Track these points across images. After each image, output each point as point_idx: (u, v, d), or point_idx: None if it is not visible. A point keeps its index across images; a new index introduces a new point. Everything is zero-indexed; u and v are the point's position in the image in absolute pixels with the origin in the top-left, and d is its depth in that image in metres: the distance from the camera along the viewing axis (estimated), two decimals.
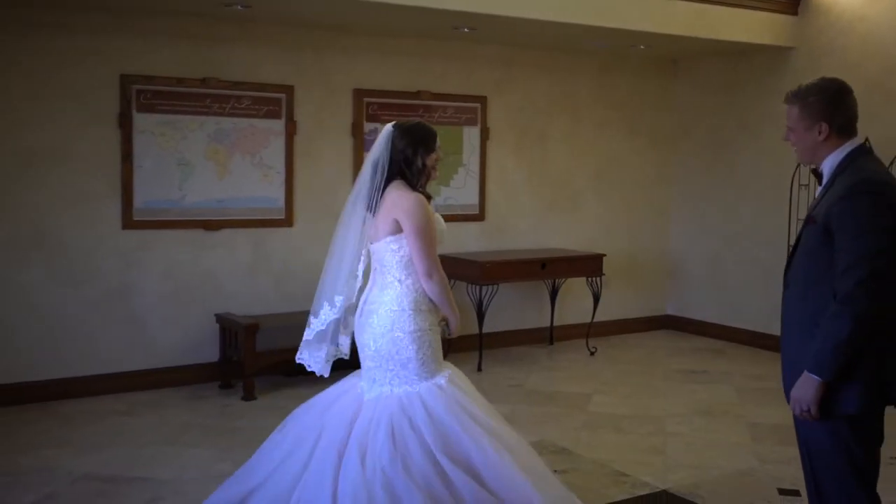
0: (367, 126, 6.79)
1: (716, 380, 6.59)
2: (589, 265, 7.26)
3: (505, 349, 7.41)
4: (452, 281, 7.00)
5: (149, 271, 6.08)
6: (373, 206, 3.50)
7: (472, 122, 7.31)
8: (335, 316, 3.56)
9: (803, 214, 6.68)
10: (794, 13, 7.22)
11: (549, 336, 7.72)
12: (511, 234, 7.59)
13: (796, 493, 4.32)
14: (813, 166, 3.03)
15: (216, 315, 6.17)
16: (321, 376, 3.73)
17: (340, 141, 6.73)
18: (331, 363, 3.66)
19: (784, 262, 6.83)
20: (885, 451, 4.83)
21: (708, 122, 8.05)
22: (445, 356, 3.64)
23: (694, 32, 6.78)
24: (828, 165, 2.93)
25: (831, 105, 2.89)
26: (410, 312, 3.45)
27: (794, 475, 4.54)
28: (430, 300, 3.51)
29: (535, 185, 7.71)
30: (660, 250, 8.45)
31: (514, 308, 7.54)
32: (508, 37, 6.96)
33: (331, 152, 6.70)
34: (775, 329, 7.19)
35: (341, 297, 3.56)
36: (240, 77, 6.27)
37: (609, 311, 7.80)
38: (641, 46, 7.38)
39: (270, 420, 5.45)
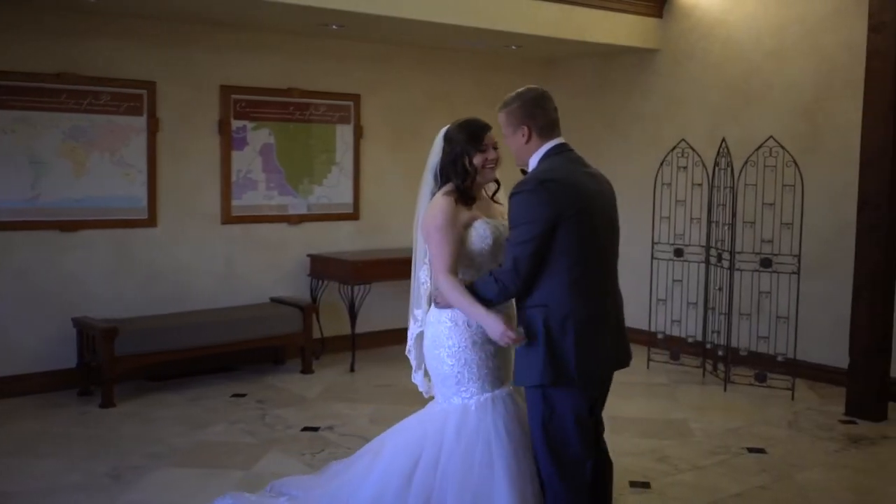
0: (235, 123, 6.65)
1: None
2: None
3: (380, 349, 7.38)
4: (325, 281, 6.97)
5: (1, 275, 5.81)
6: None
7: (345, 121, 7.25)
8: (418, 329, 3.49)
9: (666, 212, 6.90)
10: (659, 16, 7.43)
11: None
12: (387, 233, 7.57)
13: (647, 485, 4.44)
14: (523, 168, 3.31)
15: (73, 319, 5.94)
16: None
17: (207, 139, 6.58)
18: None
19: (650, 260, 7.01)
20: (737, 442, 5.06)
21: (579, 122, 8.19)
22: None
23: (562, 34, 6.90)
24: (531, 165, 3.23)
25: (530, 109, 3.20)
26: (449, 326, 3.29)
27: (647, 467, 4.67)
28: None
29: (411, 184, 7.59)
30: None
31: (389, 307, 7.50)
32: (382, 34, 6.93)
33: (197, 150, 6.53)
34: (642, 325, 7.43)
35: (420, 311, 3.49)
36: (98, 72, 6.05)
37: None
38: (514, 47, 7.46)
39: (129, 427, 5.33)
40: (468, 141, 3.36)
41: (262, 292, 6.89)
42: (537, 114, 3.24)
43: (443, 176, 3.41)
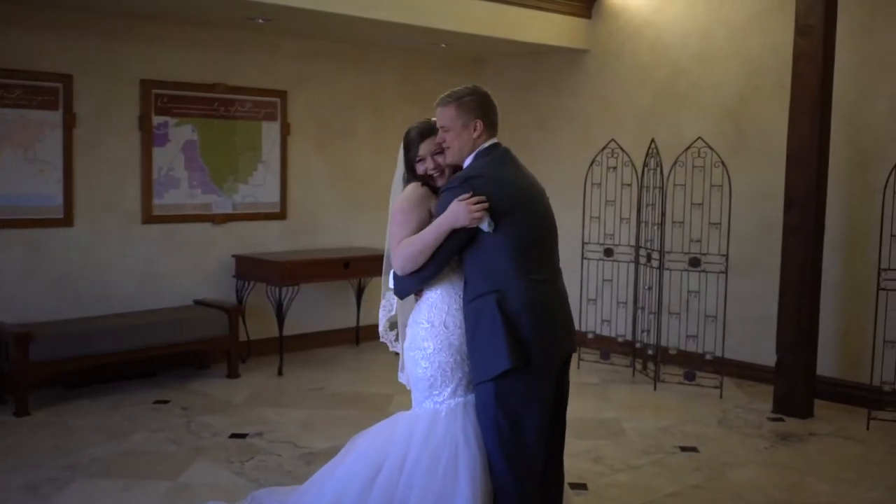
0: (157, 119, 6.40)
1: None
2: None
3: (310, 351, 7.23)
4: (251, 283, 6.77)
5: None
6: None
7: (271, 117, 7.06)
8: (390, 313, 3.45)
9: (596, 212, 6.91)
10: (588, 16, 7.45)
11: (356, 336, 7.60)
12: (315, 233, 7.41)
13: (584, 486, 4.41)
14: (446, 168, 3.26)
15: None
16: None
17: (127, 135, 6.31)
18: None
19: (580, 259, 6.97)
20: (669, 441, 5.08)
21: (509, 121, 8.10)
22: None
23: (493, 32, 6.85)
24: (466, 163, 3.19)
25: (484, 104, 3.19)
26: (425, 328, 3.18)
27: (583, 468, 4.65)
28: (455, 313, 3.17)
29: (339, 183, 7.56)
30: None
31: (319, 309, 7.36)
32: (309, 29, 6.77)
33: (116, 147, 6.26)
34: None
35: (391, 294, 3.40)
36: (11, 64, 5.74)
37: None
38: (442, 45, 7.39)
39: (45, 437, 5.06)
40: (407, 150, 3.36)
41: (186, 294, 6.65)
42: (490, 110, 3.22)
43: (407, 178, 3.39)
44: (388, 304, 3.46)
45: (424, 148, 3.28)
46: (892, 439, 5.23)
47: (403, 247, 3.13)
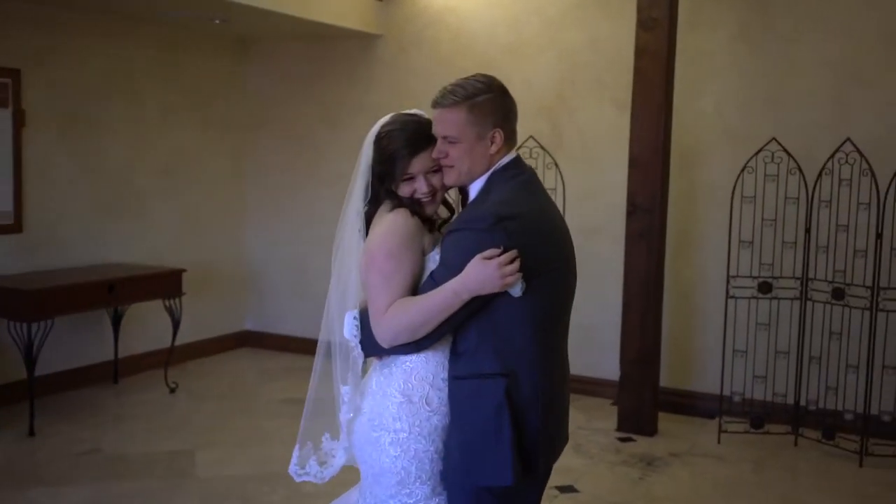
0: None
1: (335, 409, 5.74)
2: (166, 284, 5.94)
3: (62, 396, 5.78)
4: None
5: None
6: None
7: (1, 103, 5.50)
8: (348, 415, 2.44)
9: None
10: None
11: (114, 373, 6.21)
12: (60, 249, 5.91)
13: None
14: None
15: None
16: None
17: None
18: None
19: None
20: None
21: (288, 112, 7.17)
22: None
23: (281, 8, 5.82)
24: (475, 188, 2.32)
25: (504, 104, 2.31)
26: (398, 402, 2.29)
27: None
28: (441, 385, 2.30)
29: (88, 185, 6.11)
30: (236, 257, 7.37)
31: (65, 343, 5.89)
32: None
33: None
34: None
35: (349, 388, 2.44)
36: None
37: (181, 332, 6.40)
38: (217, 21, 6.22)
39: None
40: (387, 162, 2.35)
41: None
42: (510, 112, 2.33)
43: (375, 193, 2.39)
44: (352, 392, 2.43)
45: (418, 165, 2.32)
46: (746, 453, 5.04)
47: (397, 315, 2.20)
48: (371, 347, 2.34)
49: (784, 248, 5.22)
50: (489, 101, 2.27)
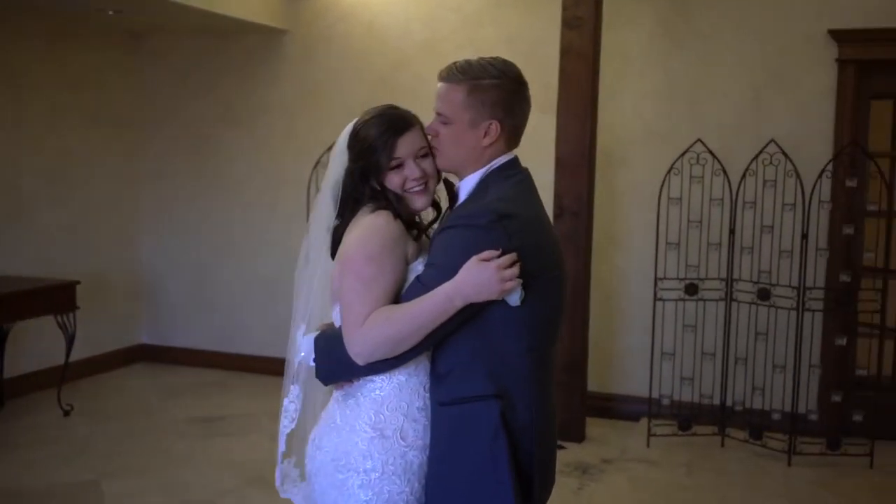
0: None
1: (247, 427, 5.40)
2: (59, 297, 5.44)
3: None
4: None
5: None
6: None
7: None
8: (290, 425, 2.20)
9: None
10: None
11: (0, 395, 5.68)
12: None
13: None
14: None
15: None
16: None
17: None
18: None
19: (293, 274, 5.91)
20: None
21: (187, 111, 6.73)
22: None
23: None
24: (467, 185, 2.12)
25: (511, 97, 2.09)
26: (368, 437, 2.01)
27: None
28: (417, 416, 2.04)
29: None
30: (130, 266, 6.88)
31: None
32: None
33: None
34: (280, 351, 6.39)
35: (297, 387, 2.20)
36: None
37: (74, 347, 5.87)
38: (110, 13, 5.75)
39: None
40: (366, 154, 2.08)
41: None
42: (517, 108, 2.10)
43: (345, 204, 2.12)
44: (291, 410, 2.18)
45: (405, 146, 2.08)
46: (677, 456, 5.00)
47: (378, 324, 1.93)
48: (331, 372, 2.08)
49: (710, 250, 5.21)
50: (494, 88, 2.05)
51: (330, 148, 5.58)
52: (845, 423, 4.95)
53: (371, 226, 2.02)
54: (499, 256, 1.89)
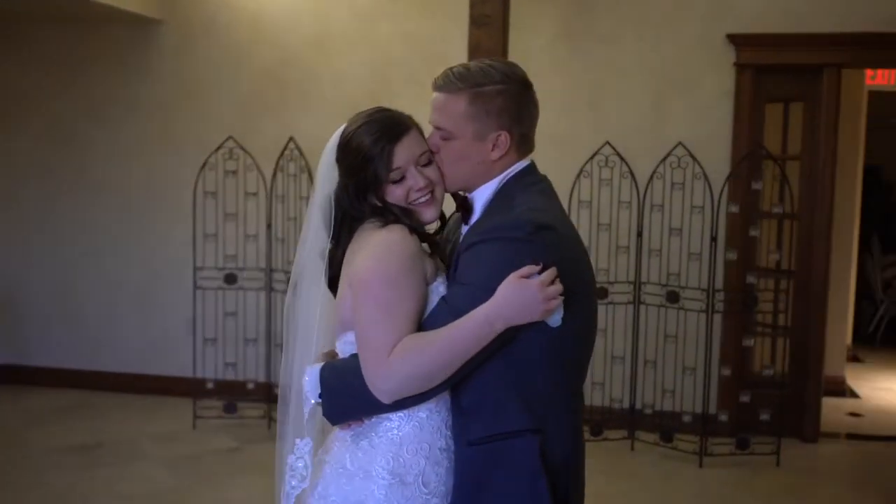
0: None
1: (129, 454, 4.89)
2: None
3: None
4: None
5: None
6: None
7: None
8: (299, 486, 1.85)
9: (212, 229, 5.44)
10: None
11: None
12: None
13: None
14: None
15: None
16: None
17: None
18: None
19: (192, 291, 5.50)
20: None
21: (45, 107, 6.10)
22: None
23: None
24: (482, 196, 1.90)
25: (519, 102, 1.88)
26: (386, 485, 1.74)
27: None
28: (440, 458, 1.78)
29: None
30: None
31: None
32: None
33: None
34: (157, 369, 5.98)
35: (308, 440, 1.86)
36: None
37: None
38: None
39: None
40: (362, 166, 1.80)
41: None
42: (525, 114, 1.86)
43: (342, 225, 1.85)
44: (300, 468, 1.86)
45: (405, 153, 1.81)
46: (591, 462, 4.92)
47: (408, 355, 1.67)
48: (345, 410, 1.81)
49: (618, 253, 5.17)
50: (498, 95, 1.82)
51: (219, 149, 5.24)
52: (754, 423, 5.03)
53: (385, 243, 1.75)
54: (539, 272, 1.67)
